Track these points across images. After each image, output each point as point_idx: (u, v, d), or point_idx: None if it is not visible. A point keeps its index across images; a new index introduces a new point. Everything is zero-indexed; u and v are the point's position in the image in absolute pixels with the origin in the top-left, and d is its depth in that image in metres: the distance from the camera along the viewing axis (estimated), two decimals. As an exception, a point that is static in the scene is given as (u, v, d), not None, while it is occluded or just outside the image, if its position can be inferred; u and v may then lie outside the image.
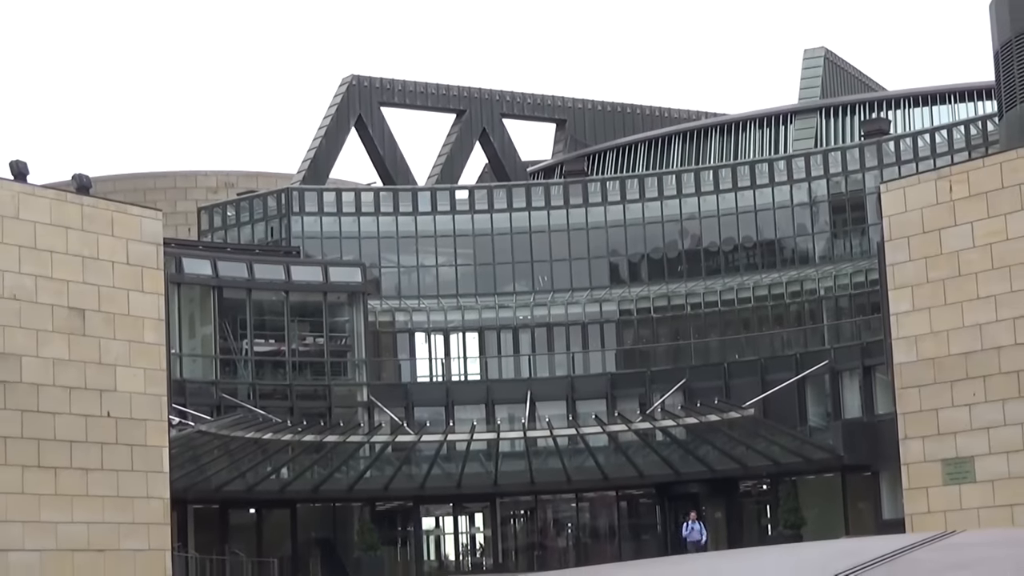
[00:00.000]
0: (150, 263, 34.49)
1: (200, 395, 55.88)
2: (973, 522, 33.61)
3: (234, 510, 57.14)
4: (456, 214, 65.80)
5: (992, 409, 34.68)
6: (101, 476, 32.33)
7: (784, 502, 56.85)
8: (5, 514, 30.35)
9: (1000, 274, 34.88)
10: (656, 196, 64.99)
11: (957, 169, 38.31)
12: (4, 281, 31.08)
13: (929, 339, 36.01)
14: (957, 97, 70.11)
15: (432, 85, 76.66)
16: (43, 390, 31.39)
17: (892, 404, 38.49)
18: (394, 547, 60.28)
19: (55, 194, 33.88)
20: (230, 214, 68.34)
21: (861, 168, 62.50)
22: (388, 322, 63.10)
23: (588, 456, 57.41)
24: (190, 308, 58.12)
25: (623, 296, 63.80)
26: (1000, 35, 46.17)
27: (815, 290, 60.76)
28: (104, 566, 31.99)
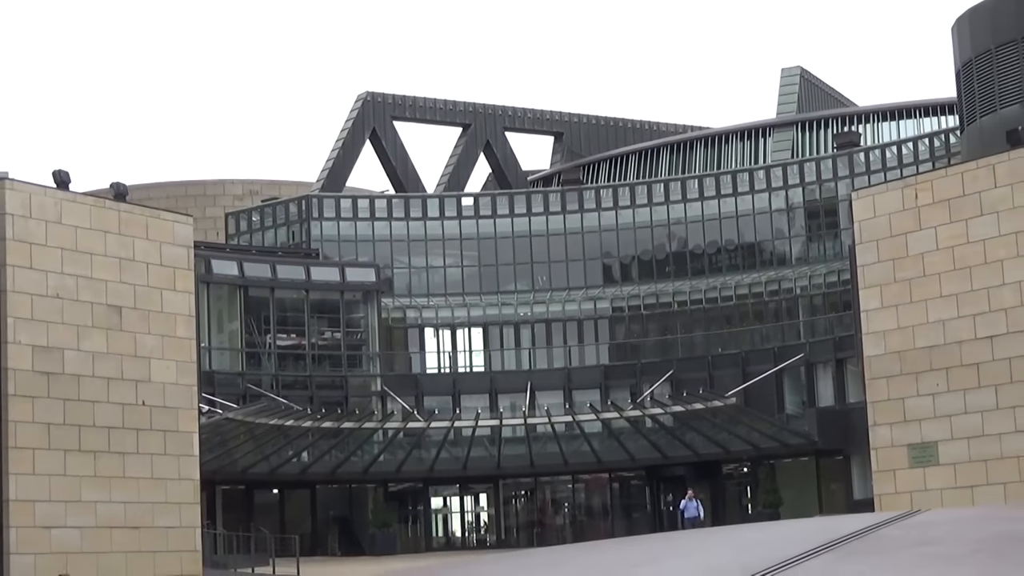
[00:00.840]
0: (181, 264, 34.48)
1: (227, 385, 55.97)
2: (936, 502, 33.61)
3: (258, 491, 57.22)
4: (462, 219, 65.91)
5: (954, 398, 34.65)
6: (137, 459, 32.34)
7: (763, 484, 56.93)
8: (49, 494, 30.36)
9: (961, 275, 34.85)
10: (646, 203, 65.09)
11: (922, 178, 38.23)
12: (48, 281, 31.09)
13: (896, 334, 35.97)
14: (922, 112, 70.16)
15: (440, 101, 76.69)
16: (83, 380, 31.40)
17: (862, 393, 38.42)
18: (405, 524, 60.34)
19: (94, 201, 33.88)
20: (255, 219, 68.45)
21: (834, 177, 62.59)
22: (400, 318, 63.19)
23: (583, 441, 57.47)
24: (218, 305, 58.20)
25: (615, 294, 63.85)
26: (961, 55, 46.16)
27: (792, 289, 60.81)
28: (139, 542, 31.99)
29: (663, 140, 77.35)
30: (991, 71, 44.56)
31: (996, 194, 34.60)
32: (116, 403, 32.04)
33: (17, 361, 30.22)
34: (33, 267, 30.86)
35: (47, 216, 31.43)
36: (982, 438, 34.17)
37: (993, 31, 44.63)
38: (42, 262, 31.04)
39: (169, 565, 32.64)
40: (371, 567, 37.21)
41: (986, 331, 34.33)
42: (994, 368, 34.13)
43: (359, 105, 73.45)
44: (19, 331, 30.36)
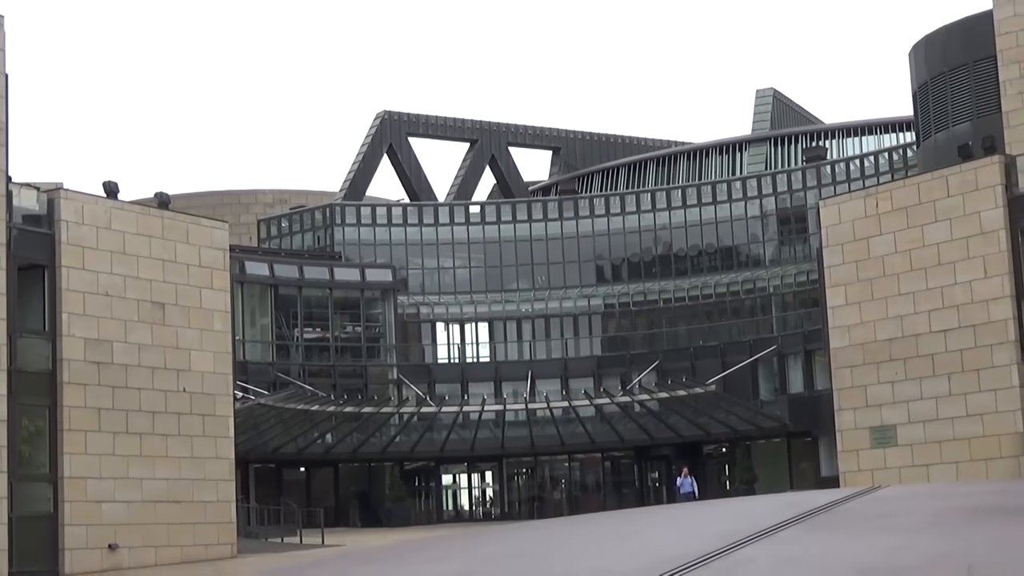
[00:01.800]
0: (218, 265, 34.50)
1: (259, 374, 56.02)
2: (895, 479, 33.64)
3: (287, 469, 57.26)
4: (470, 225, 65.97)
5: (911, 386, 34.67)
6: (178, 441, 32.36)
7: (740, 462, 56.95)
8: (100, 472, 30.38)
9: (917, 275, 34.88)
10: (635, 210, 65.14)
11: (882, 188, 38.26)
12: (99, 280, 31.11)
13: (859, 328, 36.00)
14: (882, 129, 70.17)
15: (450, 119, 76.72)
16: (130, 370, 31.42)
17: (829, 381, 38.46)
18: (419, 499, 60.38)
19: (140, 209, 33.92)
20: (284, 225, 68.50)
21: (803, 187, 62.58)
22: (414, 314, 63.19)
23: (578, 424, 57.50)
24: (251, 303, 58.25)
25: (607, 292, 63.87)
26: (918, 78, 46.18)
27: (765, 288, 60.80)
28: (181, 514, 32.01)
29: (650, 154, 77.38)
30: (944, 92, 44.56)
31: (949, 203, 34.63)
32: (160, 390, 32.08)
33: (71, 352, 30.27)
34: (85, 268, 30.89)
35: (98, 222, 31.46)
36: (936, 422, 34.20)
37: (945, 56, 44.64)
38: (93, 264, 31.07)
39: (207, 535, 32.69)
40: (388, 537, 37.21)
41: (940, 325, 34.37)
42: (947, 359, 34.17)
43: (377, 123, 73.56)
44: (73, 325, 30.41)
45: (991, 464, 32.77)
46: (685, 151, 76.36)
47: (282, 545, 38.98)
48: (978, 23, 42.99)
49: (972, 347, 33.66)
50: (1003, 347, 33.12)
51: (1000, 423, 33.03)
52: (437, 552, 14.28)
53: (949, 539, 10.94)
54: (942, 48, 44.99)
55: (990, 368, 33.30)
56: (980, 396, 33.42)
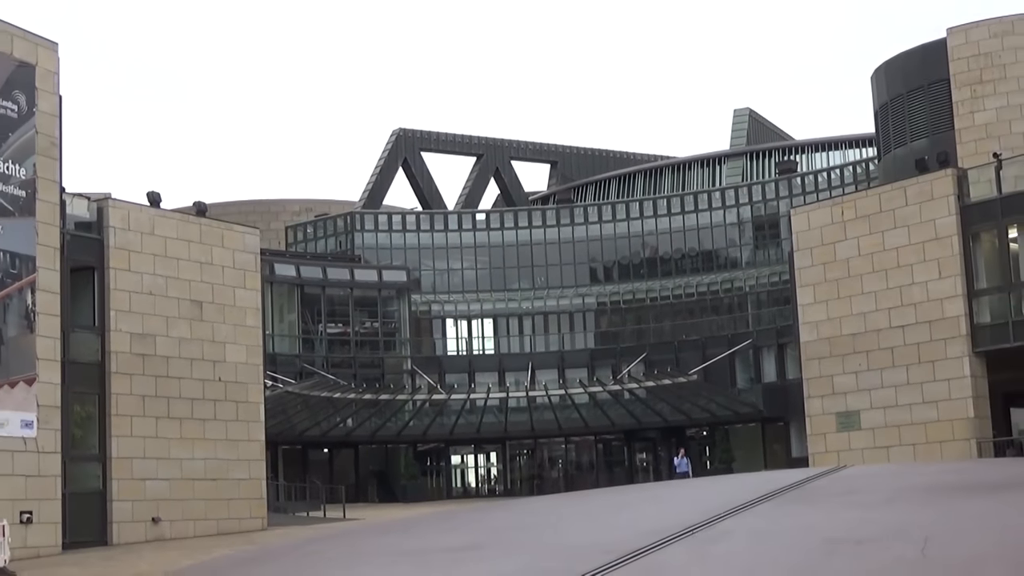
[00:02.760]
0: (250, 267, 34.51)
1: (287, 365, 56.05)
2: (859, 459, 33.67)
3: (312, 450, 57.29)
4: (476, 231, 66.02)
5: (873, 376, 34.69)
6: (214, 424, 32.38)
7: (719, 444, 56.98)
8: (144, 452, 30.39)
9: (878, 276, 34.89)
10: (624, 218, 65.20)
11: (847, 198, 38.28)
12: (143, 281, 31.12)
13: (827, 324, 36.01)
14: (847, 144, 70.13)
15: (459, 135, 76.80)
16: (171, 361, 31.42)
17: (799, 371, 38.46)
18: (430, 477, 60.40)
19: (180, 216, 33.93)
20: (309, 231, 68.57)
21: (776, 197, 62.61)
22: (426, 311, 63.25)
23: (574, 410, 57.49)
24: (280, 301, 58.29)
25: (600, 292, 63.91)
26: (879, 99, 46.16)
27: (742, 287, 60.82)
28: (216, 491, 32.02)
29: (638, 167, 77.37)
30: (903, 111, 44.55)
31: (907, 211, 34.65)
32: (198, 379, 32.10)
33: (118, 345, 30.30)
34: (131, 270, 30.90)
35: (142, 228, 31.48)
36: (895, 408, 34.22)
37: (904, 79, 44.64)
38: (138, 266, 31.09)
39: (240, 510, 32.70)
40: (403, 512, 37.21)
41: (899, 321, 34.38)
42: (905, 351, 34.18)
43: (393, 139, 73.64)
44: (120, 321, 30.43)
45: (945, 446, 32.79)
46: (670, 164, 76.35)
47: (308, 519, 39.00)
48: (933, 50, 43.03)
49: (928, 341, 33.67)
50: (955, 341, 33.15)
51: (953, 409, 33.05)
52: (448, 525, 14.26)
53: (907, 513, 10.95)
54: (901, 72, 44.99)
55: (944, 360, 33.31)
56: (935, 385, 33.43)
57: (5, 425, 26.03)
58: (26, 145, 27.41)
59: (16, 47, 27.45)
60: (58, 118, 28.54)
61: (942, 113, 42.47)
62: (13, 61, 27.26)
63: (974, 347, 32.97)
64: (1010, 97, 41.03)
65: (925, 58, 43.55)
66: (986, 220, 33.28)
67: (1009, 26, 41.78)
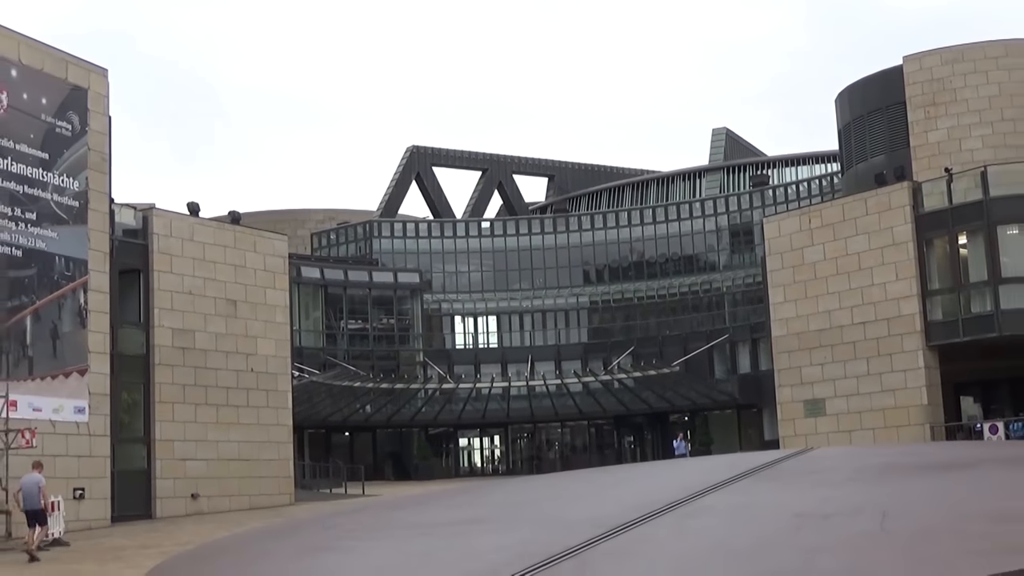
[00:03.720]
0: (279, 270, 34.53)
1: (312, 357, 56.03)
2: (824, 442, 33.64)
3: (334, 433, 57.31)
4: (482, 237, 66.02)
5: (837, 367, 34.69)
6: (247, 411, 32.41)
7: (699, 428, 56.94)
8: (184, 435, 30.42)
9: (842, 278, 34.89)
10: (614, 225, 65.15)
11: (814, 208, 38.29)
12: (183, 282, 31.14)
13: (795, 320, 36.01)
14: (814, 160, 70.13)
15: (466, 152, 76.81)
16: (209, 354, 31.45)
17: (771, 363, 38.47)
18: (440, 458, 60.37)
19: (216, 224, 33.95)
20: (332, 237, 68.54)
21: (750, 207, 62.58)
22: (436, 309, 63.24)
23: (569, 397, 57.51)
24: (305, 300, 58.29)
25: (592, 292, 63.89)
26: (842, 119, 46.18)
27: (720, 288, 60.80)
28: (249, 470, 32.04)
29: (627, 180, 77.37)
30: (863, 131, 44.57)
31: (867, 220, 34.64)
32: (232, 370, 32.12)
33: (161, 339, 30.33)
34: (172, 272, 30.94)
35: (183, 235, 31.51)
36: (857, 396, 34.22)
37: (865, 102, 44.67)
38: (179, 268, 31.12)
39: (270, 487, 32.74)
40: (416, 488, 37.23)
41: (860, 319, 34.37)
42: (865, 345, 34.18)
43: (407, 155, 73.66)
44: (162, 318, 30.46)
45: (901, 430, 32.78)
46: (655, 178, 76.35)
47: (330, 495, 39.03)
48: (891, 75, 43.05)
49: (886, 336, 33.67)
50: (911, 336, 33.14)
51: (909, 397, 33.05)
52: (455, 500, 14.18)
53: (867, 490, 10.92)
54: (862, 95, 45.01)
55: (900, 353, 33.31)
56: (892, 375, 33.43)
57: (60, 411, 26.04)
58: (79, 160, 27.42)
59: (70, 73, 27.47)
60: (107, 136, 28.58)
61: (899, 132, 42.47)
62: (67, 85, 27.29)
63: (927, 342, 32.96)
64: (960, 118, 41.03)
65: (883, 83, 43.57)
66: (938, 228, 33.28)
67: (959, 54, 41.80)
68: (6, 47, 25.61)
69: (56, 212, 26.59)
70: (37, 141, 26.24)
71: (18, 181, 25.59)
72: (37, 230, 26.01)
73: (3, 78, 25.36)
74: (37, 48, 26.62)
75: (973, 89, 41.18)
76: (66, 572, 15.50)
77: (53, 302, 26.40)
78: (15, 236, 25.43)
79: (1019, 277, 31.41)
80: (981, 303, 31.95)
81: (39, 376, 25.74)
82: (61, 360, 26.42)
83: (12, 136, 25.55)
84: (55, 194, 26.60)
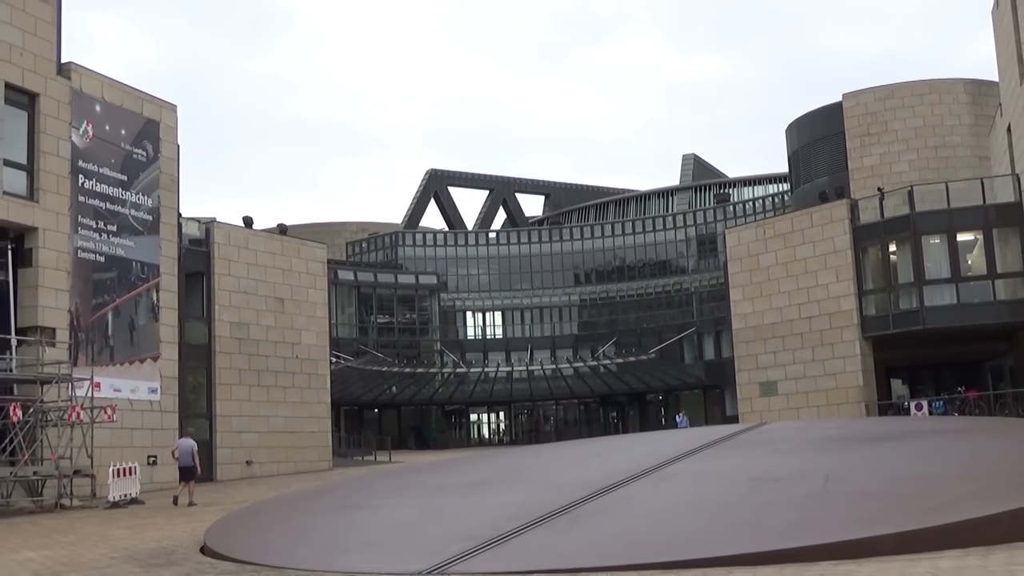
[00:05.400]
0: (319, 273, 34.54)
1: (347, 346, 56.12)
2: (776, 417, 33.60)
3: (365, 410, 57.34)
4: (489, 246, 66.05)
5: (787, 355, 34.64)
6: (293, 391, 32.42)
7: (671, 406, 56.87)
8: (240, 412, 30.43)
9: (791, 279, 34.83)
10: (600, 236, 65.16)
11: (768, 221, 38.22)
12: (239, 283, 31.15)
13: (752, 315, 35.97)
14: (768, 181, 70.16)
15: (475, 174, 76.91)
16: (261, 343, 31.48)
17: (731, 351, 38.44)
18: (454, 430, 60.44)
19: (267, 234, 33.97)
20: (363, 246, 68.57)
21: (714, 220, 62.55)
22: (451, 306, 63.25)
23: (562, 380, 57.54)
24: (341, 298, 58.33)
25: (581, 291, 63.87)
26: (791, 146, 46.17)
27: (689, 288, 60.77)
28: (294, 441, 32.05)
29: (611, 198, 77.42)
30: (809, 156, 44.54)
31: (812, 231, 34.58)
32: (280, 357, 32.15)
33: (221, 331, 30.35)
34: (230, 275, 30.96)
35: (239, 244, 31.54)
36: (804, 379, 34.17)
37: (810, 131, 44.65)
38: (236, 272, 31.14)
39: (312, 455, 32.76)
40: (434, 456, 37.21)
41: (806, 314, 34.32)
42: (811, 336, 34.13)
43: (426, 177, 73.75)
44: (222, 313, 30.48)
45: (841, 407, 32.75)
46: (634, 196, 76.35)
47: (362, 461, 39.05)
48: (832, 110, 43.02)
49: (828, 328, 33.63)
50: (849, 328, 33.11)
51: (847, 380, 33.01)
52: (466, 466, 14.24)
53: (813, 457, 10.94)
54: (808, 126, 44.99)
55: (840, 343, 33.27)
56: (833, 362, 33.39)
57: (136, 391, 26.09)
58: (152, 181, 27.46)
59: (145, 108, 27.50)
60: (176, 161, 28.60)
61: (839, 158, 42.44)
62: (143, 119, 27.33)
63: (863, 333, 32.93)
64: (890, 146, 41.02)
65: (826, 116, 43.55)
66: (872, 238, 33.24)
67: (890, 92, 41.78)
68: (92, 87, 25.65)
69: (133, 224, 26.62)
70: (117, 165, 26.27)
71: (101, 199, 25.64)
72: (117, 240, 26.04)
73: (89, 112, 25.39)
74: (117, 87, 26.64)
75: (902, 121, 41.16)
76: (142, 525, 15.52)
77: (130, 300, 26.43)
78: (99, 245, 25.48)
79: (939, 279, 31.36)
80: (908, 301, 31.90)
81: (119, 362, 25.78)
82: (137, 349, 26.45)
83: (96, 161, 25.58)
84: (132, 209, 26.63)
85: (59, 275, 24.02)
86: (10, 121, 23.07)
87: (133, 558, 10.90)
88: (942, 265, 31.40)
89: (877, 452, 10.17)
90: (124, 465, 21.58)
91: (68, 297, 24.22)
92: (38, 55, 23.86)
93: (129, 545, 12.45)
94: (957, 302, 30.69)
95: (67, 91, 24.62)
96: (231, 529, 11.74)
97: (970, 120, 40.86)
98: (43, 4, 24.19)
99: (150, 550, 11.62)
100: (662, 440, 14.18)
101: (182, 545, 11.87)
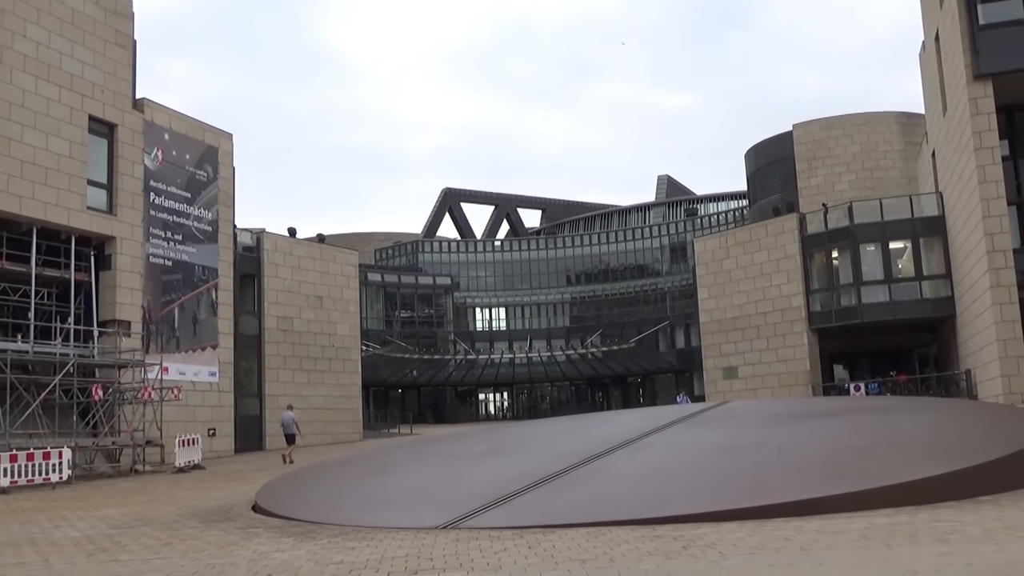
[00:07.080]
0: (352, 275, 34.59)
1: (375, 336, 56.05)
2: (737, 397, 33.62)
3: (391, 390, 57.30)
4: (495, 252, 65.92)
5: (746, 344, 34.64)
6: (330, 375, 32.46)
7: (648, 388, 56.81)
8: (285, 392, 30.46)
9: (750, 281, 34.83)
10: (589, 243, 65.08)
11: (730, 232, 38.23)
12: (285, 283, 31.20)
13: (716, 311, 35.96)
14: (730, 197, 70.02)
15: (483, 192, 76.88)
16: (303, 334, 31.52)
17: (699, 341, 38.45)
18: (466, 407, 60.38)
19: (308, 243, 34.02)
20: (389, 252, 68.51)
21: (685, 231, 62.44)
22: (463, 303, 63.20)
23: (556, 365, 57.49)
24: (371, 296, 58.31)
25: (572, 291, 63.79)
26: (749, 168, 46.14)
27: (663, 288, 60.68)
28: (331, 416, 32.09)
29: (597, 211, 77.30)
30: (765, 176, 44.50)
31: (768, 240, 34.57)
32: (319, 345, 32.19)
33: (269, 324, 30.38)
34: (277, 276, 30.99)
35: (284, 251, 31.57)
36: (760, 364, 34.15)
37: (766, 156, 44.61)
38: (282, 274, 31.17)
39: (346, 428, 32.78)
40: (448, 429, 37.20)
41: (762, 310, 34.31)
42: (766, 329, 34.12)
43: (442, 195, 73.71)
44: (270, 309, 30.51)
45: (792, 389, 32.73)
46: (617, 210, 76.25)
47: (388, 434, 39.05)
48: (784, 138, 42.99)
49: (781, 322, 33.61)
50: (798, 322, 33.08)
51: (797, 365, 32.99)
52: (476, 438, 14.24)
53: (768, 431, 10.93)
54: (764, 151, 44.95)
55: (791, 334, 33.25)
56: (785, 350, 33.38)
57: (198, 375, 26.17)
58: (212, 198, 27.51)
59: (206, 136, 27.57)
60: (232, 180, 28.64)
61: (789, 178, 42.42)
62: (204, 145, 27.41)
63: (810, 326, 32.92)
64: (832, 168, 40.97)
65: (779, 143, 43.52)
66: (818, 246, 33.22)
67: (833, 123, 41.73)
68: (161, 118, 25.72)
69: (195, 234, 26.68)
70: (182, 184, 26.34)
71: (169, 212, 25.72)
72: (182, 247, 26.11)
73: (159, 140, 25.47)
74: (183, 119, 26.70)
75: (843, 148, 41.12)
76: (203, 487, 15.54)
77: (193, 298, 26.49)
78: (167, 251, 25.56)
79: (875, 280, 31.34)
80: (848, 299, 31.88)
81: (183, 350, 25.85)
82: (199, 339, 26.51)
83: (165, 181, 25.65)
84: (195, 222, 26.69)
85: (133, 277, 24.13)
86: (93, 148, 23.23)
87: (195, 515, 10.93)
88: (877, 269, 31.38)
89: (822, 426, 10.16)
90: (188, 436, 21.64)
91: (141, 295, 24.32)
92: (117, 92, 23.95)
93: (192, 504, 12.48)
94: (890, 300, 30.68)
95: (141, 122, 24.71)
96: (278, 491, 11.76)
97: (900, 147, 40.83)
98: (120, 49, 24.26)
99: (210, 508, 11.65)
100: (640, 416, 14.17)
101: (237, 504, 11.89)
